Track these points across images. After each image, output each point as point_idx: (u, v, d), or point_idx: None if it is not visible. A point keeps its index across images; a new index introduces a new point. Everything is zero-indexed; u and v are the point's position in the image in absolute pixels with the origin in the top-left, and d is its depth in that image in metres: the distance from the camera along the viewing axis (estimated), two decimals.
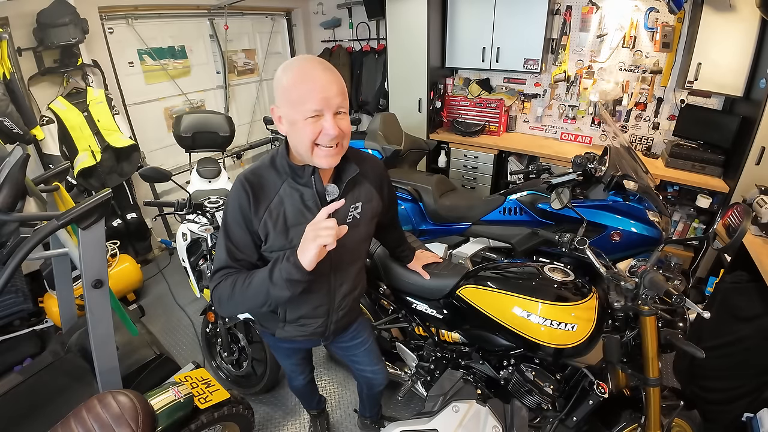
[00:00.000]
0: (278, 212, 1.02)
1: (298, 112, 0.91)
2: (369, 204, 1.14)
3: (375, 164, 1.19)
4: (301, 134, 0.93)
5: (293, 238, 1.02)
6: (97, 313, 1.25)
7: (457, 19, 3.52)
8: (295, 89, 0.91)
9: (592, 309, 1.31)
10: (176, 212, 1.85)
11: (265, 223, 1.01)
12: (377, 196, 1.18)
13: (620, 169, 1.99)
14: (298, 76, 0.91)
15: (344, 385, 2.20)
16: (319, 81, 0.90)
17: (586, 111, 3.45)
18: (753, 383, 1.65)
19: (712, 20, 2.52)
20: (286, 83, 0.92)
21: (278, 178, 1.03)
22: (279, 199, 1.02)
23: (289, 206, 1.02)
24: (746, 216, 1.61)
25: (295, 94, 0.91)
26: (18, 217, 1.16)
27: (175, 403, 1.23)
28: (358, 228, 1.13)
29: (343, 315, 1.27)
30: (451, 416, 1.18)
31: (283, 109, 0.95)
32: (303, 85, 0.90)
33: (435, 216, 2.51)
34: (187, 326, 2.68)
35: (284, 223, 1.02)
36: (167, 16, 3.36)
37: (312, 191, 1.02)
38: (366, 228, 1.17)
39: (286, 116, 0.95)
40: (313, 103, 0.90)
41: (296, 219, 1.02)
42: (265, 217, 1.01)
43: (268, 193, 1.02)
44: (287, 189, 1.03)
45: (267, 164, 1.05)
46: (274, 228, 1.02)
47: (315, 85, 0.90)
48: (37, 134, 2.52)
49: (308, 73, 0.91)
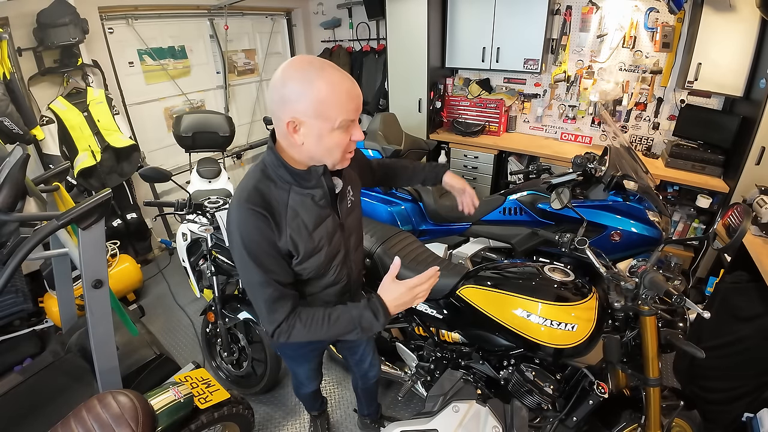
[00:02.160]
0: (297, 223, 0.98)
1: (329, 122, 0.88)
2: (356, 184, 1.19)
3: None
4: (332, 145, 0.92)
5: (316, 239, 1.02)
6: (97, 313, 1.25)
7: (457, 19, 3.52)
8: (326, 100, 0.86)
9: (592, 309, 1.31)
10: (176, 212, 1.85)
11: (292, 239, 0.98)
12: (356, 176, 1.22)
13: (620, 169, 1.99)
14: (330, 88, 0.86)
15: (344, 385, 2.20)
16: (352, 91, 0.90)
17: (586, 111, 3.45)
18: (753, 383, 1.64)
19: (712, 20, 2.52)
20: (314, 94, 0.86)
21: (280, 189, 0.98)
22: (293, 212, 0.98)
23: (305, 213, 0.99)
24: (746, 216, 1.61)
25: (325, 106, 0.87)
26: (18, 217, 1.16)
27: (175, 403, 1.23)
28: (356, 210, 1.18)
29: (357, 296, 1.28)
30: (451, 416, 1.18)
31: (307, 121, 0.88)
32: (334, 96, 0.87)
33: (435, 216, 2.51)
34: (187, 326, 2.68)
35: (307, 231, 1.00)
36: (167, 16, 3.36)
37: (324, 190, 1.01)
38: (359, 207, 1.22)
39: (312, 127, 0.89)
40: (349, 113, 0.89)
41: (315, 222, 1.02)
42: (289, 233, 0.97)
43: (280, 210, 0.97)
44: (296, 197, 0.99)
45: (260, 178, 0.97)
46: (299, 239, 0.99)
47: (346, 95, 0.88)
48: (37, 134, 2.52)
49: (338, 84, 0.87)
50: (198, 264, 2.37)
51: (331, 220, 1.06)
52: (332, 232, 1.07)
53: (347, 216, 1.12)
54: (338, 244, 1.10)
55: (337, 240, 1.09)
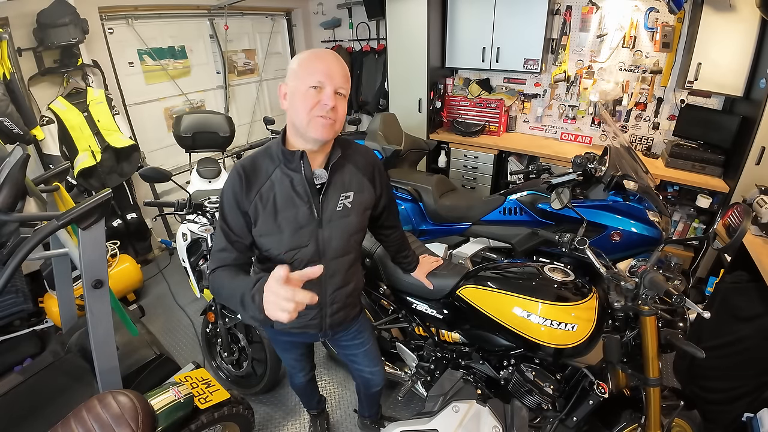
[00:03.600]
0: (268, 196, 1.06)
1: (302, 82, 0.99)
2: (360, 194, 1.16)
3: (367, 155, 1.21)
4: (300, 103, 0.99)
5: (281, 222, 1.08)
6: (97, 313, 1.25)
7: (457, 19, 3.52)
8: (304, 65, 1.00)
9: (592, 309, 1.31)
10: (176, 212, 1.85)
11: (255, 205, 1.06)
12: (369, 187, 1.19)
13: (620, 169, 1.99)
14: (309, 55, 1.02)
15: (344, 385, 2.20)
16: (326, 60, 1.01)
17: (586, 111, 3.45)
18: (753, 383, 1.64)
19: (712, 20, 2.52)
20: (297, 63, 1.02)
21: (272, 163, 1.08)
22: (270, 184, 1.07)
23: (280, 191, 1.07)
24: (746, 216, 1.61)
25: (303, 69, 1.00)
26: (18, 217, 1.16)
27: (175, 403, 1.23)
28: (349, 218, 1.14)
29: (338, 309, 1.26)
30: (451, 416, 1.18)
31: (290, 84, 1.02)
32: (311, 62, 1.00)
33: (435, 216, 2.51)
34: (187, 326, 2.68)
35: (273, 207, 1.07)
36: (167, 16, 3.36)
37: (301, 176, 1.06)
38: (357, 219, 1.16)
39: (290, 89, 1.02)
40: (318, 74, 0.98)
41: (285, 204, 1.07)
42: (256, 199, 1.06)
43: (260, 177, 1.07)
44: (279, 174, 1.07)
45: (262, 152, 1.12)
46: (263, 210, 1.07)
47: (321, 62, 1.00)
48: (37, 134, 2.52)
49: (318, 54, 1.02)
50: (198, 264, 2.37)
51: (306, 210, 1.08)
52: (303, 224, 1.08)
53: (331, 218, 1.11)
54: (307, 238, 1.10)
55: (306, 233, 1.10)
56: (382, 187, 1.25)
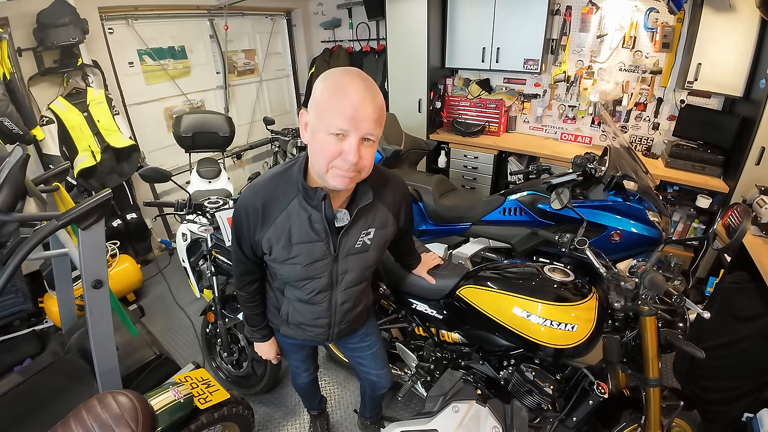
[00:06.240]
0: (284, 227, 1.00)
1: (323, 124, 0.84)
2: (383, 230, 1.10)
3: (397, 188, 1.13)
4: (319, 149, 0.87)
5: (295, 255, 1.03)
6: (97, 314, 1.25)
7: (457, 19, 3.52)
8: (326, 100, 0.83)
9: (592, 309, 1.30)
10: (176, 212, 1.85)
11: (269, 237, 1.02)
12: (393, 221, 1.13)
13: (620, 169, 1.99)
14: (333, 87, 0.84)
15: (344, 386, 2.20)
16: (353, 97, 0.82)
17: (586, 111, 3.45)
18: (753, 383, 1.65)
19: (712, 20, 2.52)
20: (319, 92, 0.85)
21: (290, 192, 0.99)
22: (286, 215, 0.99)
23: (296, 224, 1.00)
24: (746, 216, 1.60)
25: (325, 106, 0.84)
26: (18, 217, 1.16)
27: (175, 403, 1.23)
28: (367, 254, 1.10)
29: (346, 326, 1.28)
30: (451, 416, 1.19)
31: (311, 117, 0.88)
32: (335, 98, 0.82)
33: (435, 216, 2.51)
34: (187, 326, 2.68)
35: (288, 240, 1.01)
36: (167, 16, 3.36)
37: (321, 215, 0.98)
38: (375, 253, 1.12)
39: (311, 124, 0.89)
40: (341, 120, 0.82)
41: (301, 238, 1.01)
42: (270, 231, 1.01)
43: (276, 208, 1.00)
44: (296, 206, 0.99)
45: (281, 173, 1.01)
46: (277, 243, 1.02)
47: (347, 101, 0.82)
48: (37, 134, 2.52)
49: (343, 87, 0.83)
50: (198, 264, 2.37)
51: (322, 246, 1.03)
52: (318, 258, 1.05)
53: (348, 254, 1.07)
54: (321, 271, 1.07)
55: (320, 267, 1.06)
56: (406, 219, 1.19)
